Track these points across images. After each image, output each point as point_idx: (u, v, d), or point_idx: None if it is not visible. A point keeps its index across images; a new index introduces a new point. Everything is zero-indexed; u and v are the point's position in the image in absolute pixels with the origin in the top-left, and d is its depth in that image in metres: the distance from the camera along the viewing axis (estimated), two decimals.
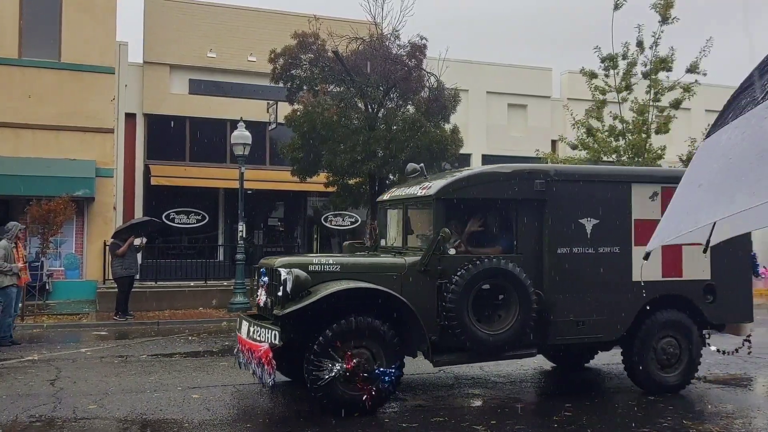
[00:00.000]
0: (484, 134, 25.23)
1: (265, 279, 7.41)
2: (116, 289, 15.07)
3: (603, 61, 18.68)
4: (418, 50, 17.13)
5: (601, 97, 18.84)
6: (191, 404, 7.45)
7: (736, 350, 8.19)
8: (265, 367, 6.90)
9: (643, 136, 18.43)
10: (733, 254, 8.04)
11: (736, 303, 8.31)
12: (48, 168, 17.06)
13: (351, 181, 17.68)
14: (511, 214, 7.82)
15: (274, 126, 21.16)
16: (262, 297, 7.46)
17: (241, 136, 16.83)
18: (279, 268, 7.05)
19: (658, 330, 7.95)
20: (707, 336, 8.37)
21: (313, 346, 6.74)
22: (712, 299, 8.16)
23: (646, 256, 4.59)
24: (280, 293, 6.93)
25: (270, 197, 22.40)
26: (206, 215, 21.80)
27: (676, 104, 18.55)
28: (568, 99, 23.32)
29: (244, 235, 16.93)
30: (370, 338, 6.88)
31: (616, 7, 18.28)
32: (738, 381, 9.04)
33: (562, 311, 7.58)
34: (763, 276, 20.56)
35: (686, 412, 7.25)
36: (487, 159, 24.65)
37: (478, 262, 7.20)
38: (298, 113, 16.79)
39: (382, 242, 8.72)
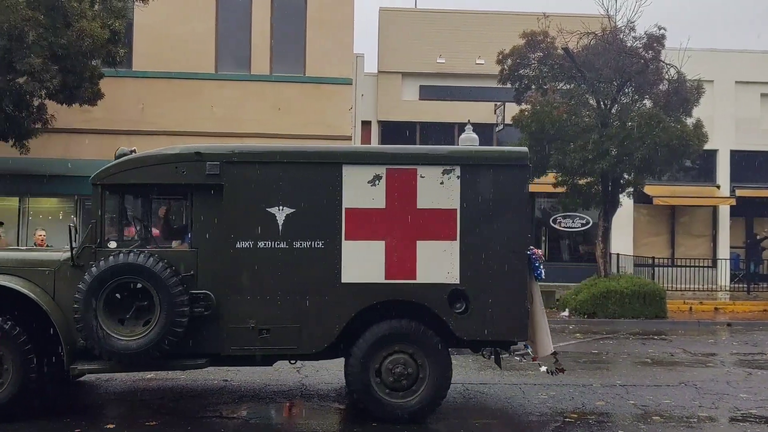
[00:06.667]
0: (733, 128, 23.06)
1: None
2: None
3: None
4: (655, 41, 16.16)
5: None
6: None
7: (558, 370, 7.11)
8: None
9: None
10: (496, 254, 6.69)
11: (500, 316, 6.71)
12: None
13: (581, 181, 17.08)
14: (185, 203, 6.95)
15: (501, 127, 21.19)
16: None
17: (468, 138, 17.00)
18: None
19: (381, 344, 6.64)
20: (511, 353, 7.37)
21: None
22: (463, 309, 6.69)
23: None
24: None
25: None
26: None
27: None
28: None
29: None
30: None
31: None
32: None
33: (238, 317, 6.56)
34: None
35: None
36: (735, 155, 22.74)
37: (111, 258, 6.36)
38: (526, 113, 16.64)
39: None
